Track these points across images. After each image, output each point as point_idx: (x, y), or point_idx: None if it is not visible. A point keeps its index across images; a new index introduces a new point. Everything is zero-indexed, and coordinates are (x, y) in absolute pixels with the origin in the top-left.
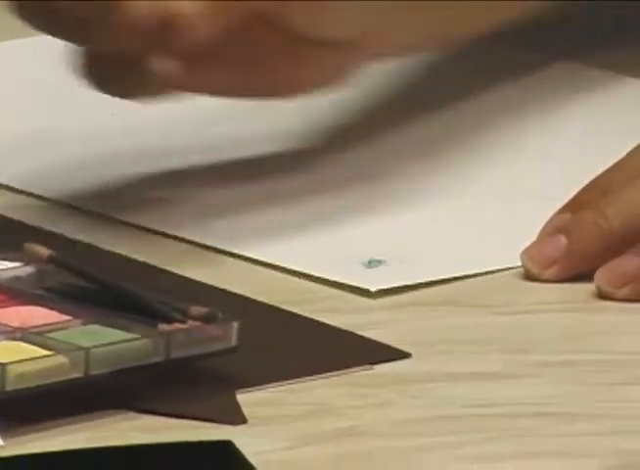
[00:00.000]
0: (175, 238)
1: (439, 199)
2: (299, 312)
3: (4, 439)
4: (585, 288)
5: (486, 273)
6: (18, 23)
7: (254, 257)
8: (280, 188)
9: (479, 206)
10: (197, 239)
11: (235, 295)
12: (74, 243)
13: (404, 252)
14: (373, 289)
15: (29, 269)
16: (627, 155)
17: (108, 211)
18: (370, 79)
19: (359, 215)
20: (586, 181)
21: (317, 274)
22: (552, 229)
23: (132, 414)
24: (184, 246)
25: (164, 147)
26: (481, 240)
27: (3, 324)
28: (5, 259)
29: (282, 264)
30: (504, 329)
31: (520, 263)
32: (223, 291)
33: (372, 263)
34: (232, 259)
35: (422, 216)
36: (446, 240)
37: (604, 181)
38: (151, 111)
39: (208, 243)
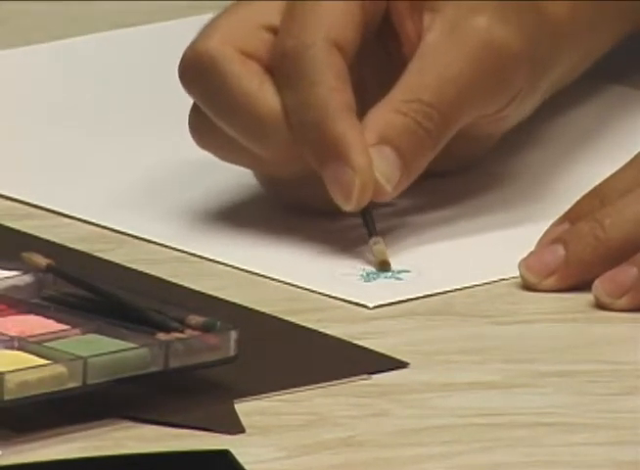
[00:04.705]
0: (174, 248)
1: (436, 213)
2: (298, 322)
3: (2, 448)
4: (583, 298)
5: (485, 284)
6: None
7: (252, 269)
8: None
9: (476, 218)
10: (196, 251)
11: (233, 304)
12: (73, 252)
13: (402, 264)
14: (371, 305)
15: (28, 278)
16: (626, 165)
17: (106, 220)
18: None
19: (357, 229)
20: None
21: (316, 288)
22: (550, 239)
23: (130, 423)
24: (183, 255)
25: (164, 157)
26: (480, 251)
27: (1, 333)
28: (3, 269)
29: (281, 278)
30: (502, 339)
31: (518, 273)
32: (221, 300)
33: (370, 276)
34: (230, 269)
35: (419, 230)
36: (444, 252)
37: (602, 191)
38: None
39: (207, 255)
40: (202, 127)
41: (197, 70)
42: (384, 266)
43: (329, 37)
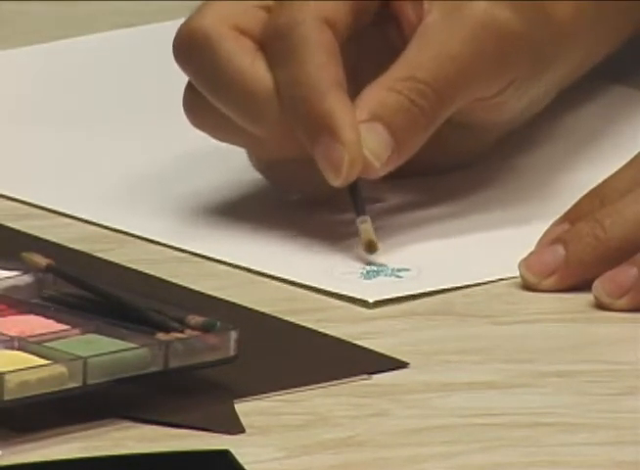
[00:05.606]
0: (174, 248)
1: (437, 211)
2: (298, 322)
3: (2, 448)
4: (584, 298)
5: (485, 283)
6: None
7: (251, 267)
8: (280, 198)
9: (476, 217)
10: (195, 249)
11: (233, 304)
12: (73, 252)
13: (402, 263)
14: (371, 300)
15: (28, 278)
16: (626, 165)
17: (106, 220)
18: None
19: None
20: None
21: (315, 285)
22: (550, 239)
23: (130, 423)
24: (183, 255)
25: (164, 156)
26: (480, 250)
27: (1, 333)
28: (3, 269)
29: (280, 275)
30: (502, 339)
31: (518, 273)
32: (221, 300)
33: (370, 274)
34: (230, 269)
35: (420, 228)
36: (445, 250)
37: (602, 191)
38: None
39: (207, 254)
40: (196, 106)
41: (190, 47)
42: (370, 246)
43: (320, 15)
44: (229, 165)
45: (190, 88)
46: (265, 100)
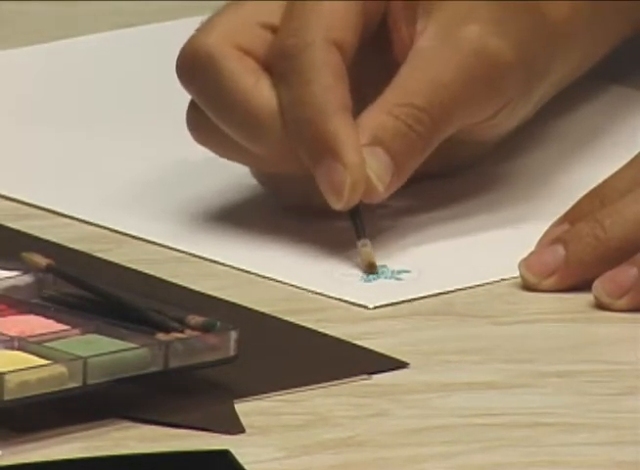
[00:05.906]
0: (174, 248)
1: (436, 213)
2: (298, 322)
3: (2, 448)
4: (584, 298)
5: (485, 284)
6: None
7: (251, 269)
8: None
9: (476, 218)
10: (195, 251)
11: (233, 304)
12: (73, 252)
13: (402, 264)
14: (370, 305)
15: (28, 278)
16: (626, 165)
17: (106, 221)
18: None
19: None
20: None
21: (315, 289)
22: (550, 239)
23: (130, 423)
24: (183, 255)
25: (164, 157)
26: (480, 251)
27: (1, 333)
28: (3, 269)
29: (280, 278)
30: (502, 339)
31: (518, 273)
32: (221, 300)
33: (370, 276)
34: (230, 269)
35: (420, 230)
36: (445, 252)
37: (602, 191)
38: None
39: (206, 255)
40: (200, 124)
41: (194, 66)
42: (370, 269)
43: (329, 37)
44: (230, 169)
45: (193, 107)
46: (268, 120)
